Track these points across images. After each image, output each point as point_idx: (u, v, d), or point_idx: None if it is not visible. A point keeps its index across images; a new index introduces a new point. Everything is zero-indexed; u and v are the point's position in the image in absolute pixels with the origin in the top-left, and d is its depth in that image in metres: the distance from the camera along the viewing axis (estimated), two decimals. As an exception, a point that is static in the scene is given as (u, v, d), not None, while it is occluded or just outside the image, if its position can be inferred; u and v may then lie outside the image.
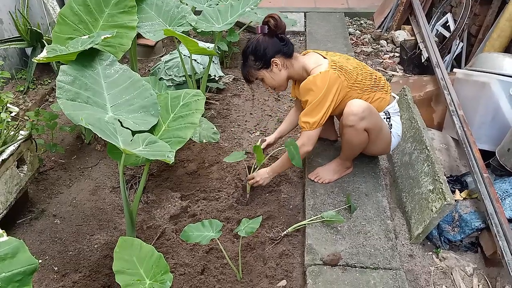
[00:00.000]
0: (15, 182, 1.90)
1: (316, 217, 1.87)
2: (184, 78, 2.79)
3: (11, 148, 1.86)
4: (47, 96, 3.03)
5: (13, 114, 2.12)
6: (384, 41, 3.89)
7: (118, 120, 1.65)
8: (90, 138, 2.54)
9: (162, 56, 3.62)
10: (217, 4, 2.73)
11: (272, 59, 1.87)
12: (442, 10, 3.48)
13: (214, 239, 1.58)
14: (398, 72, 3.40)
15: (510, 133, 2.03)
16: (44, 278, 1.75)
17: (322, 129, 1.91)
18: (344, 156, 2.06)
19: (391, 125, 1.98)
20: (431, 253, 1.87)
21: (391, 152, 2.25)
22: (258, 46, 1.86)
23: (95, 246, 1.90)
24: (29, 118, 2.29)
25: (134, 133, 1.62)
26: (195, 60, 2.86)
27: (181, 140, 1.71)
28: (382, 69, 3.44)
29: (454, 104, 2.33)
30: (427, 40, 3.12)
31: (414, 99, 2.48)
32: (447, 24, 3.32)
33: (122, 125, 1.63)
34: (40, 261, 1.81)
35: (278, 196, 2.14)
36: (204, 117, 2.63)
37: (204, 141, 2.17)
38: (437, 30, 3.41)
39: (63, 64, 1.74)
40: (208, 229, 1.60)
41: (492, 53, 2.45)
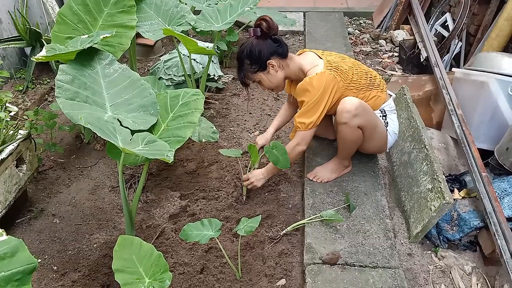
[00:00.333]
0: (14, 181, 1.90)
1: (315, 216, 1.87)
2: (183, 78, 2.79)
3: (10, 147, 1.86)
4: (46, 95, 3.02)
5: (12, 114, 2.12)
6: (383, 41, 3.90)
7: (117, 119, 1.65)
8: (89, 137, 2.54)
9: (161, 55, 3.62)
10: (216, 3, 2.73)
11: (268, 61, 1.88)
12: (441, 10, 3.48)
13: (213, 238, 1.58)
14: (397, 71, 3.40)
15: (508, 132, 2.03)
16: (44, 277, 1.75)
17: (320, 129, 1.92)
18: (341, 154, 2.06)
19: (387, 123, 1.99)
20: (430, 252, 1.88)
21: (389, 150, 2.25)
22: (252, 49, 1.86)
23: (95, 245, 1.90)
24: (28, 117, 2.29)
25: (133, 132, 1.62)
26: (194, 59, 2.86)
27: (180, 139, 1.71)
28: (381, 69, 3.45)
29: (453, 104, 2.34)
30: (426, 39, 3.12)
31: (413, 99, 2.49)
32: (446, 24, 3.33)
33: (121, 124, 1.63)
34: (39, 260, 1.81)
35: (277, 195, 2.14)
36: (204, 116, 2.63)
37: (204, 140, 2.17)
38: (436, 30, 3.42)
39: (62, 64, 1.74)
40: (207, 228, 1.60)
41: (490, 53, 2.46)
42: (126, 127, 1.63)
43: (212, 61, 2.96)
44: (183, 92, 1.88)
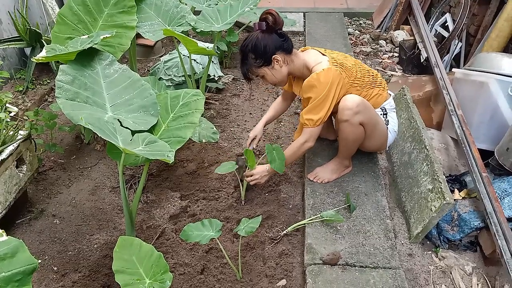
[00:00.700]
0: (14, 182, 1.90)
1: (316, 216, 1.87)
2: (183, 78, 2.79)
3: (10, 148, 1.86)
4: (46, 96, 3.02)
5: (12, 114, 2.12)
6: (383, 41, 3.90)
7: (118, 119, 1.65)
8: (90, 138, 2.54)
9: (161, 56, 3.62)
10: (216, 4, 2.73)
11: (273, 56, 1.86)
12: (441, 10, 3.49)
13: (213, 238, 1.58)
14: (397, 72, 3.40)
15: (508, 132, 2.03)
16: (44, 278, 1.75)
17: (321, 129, 1.92)
18: (341, 154, 2.06)
19: (388, 121, 1.99)
20: (430, 252, 1.87)
21: (389, 149, 2.25)
22: (258, 44, 1.84)
23: (95, 246, 1.89)
24: (28, 118, 2.28)
25: (133, 132, 1.62)
26: (194, 60, 2.86)
27: (180, 139, 1.70)
28: (381, 69, 3.45)
29: (453, 104, 2.34)
30: (426, 40, 3.12)
31: (413, 99, 2.49)
32: (446, 24, 3.33)
33: (121, 125, 1.63)
34: (39, 261, 1.81)
35: (277, 196, 2.14)
36: (204, 117, 2.63)
37: (204, 141, 2.17)
38: (436, 30, 3.42)
39: (62, 64, 1.74)
40: (207, 229, 1.60)
41: (490, 53, 2.46)
42: (127, 128, 1.63)
43: (212, 61, 2.96)
44: (184, 92, 1.88)
